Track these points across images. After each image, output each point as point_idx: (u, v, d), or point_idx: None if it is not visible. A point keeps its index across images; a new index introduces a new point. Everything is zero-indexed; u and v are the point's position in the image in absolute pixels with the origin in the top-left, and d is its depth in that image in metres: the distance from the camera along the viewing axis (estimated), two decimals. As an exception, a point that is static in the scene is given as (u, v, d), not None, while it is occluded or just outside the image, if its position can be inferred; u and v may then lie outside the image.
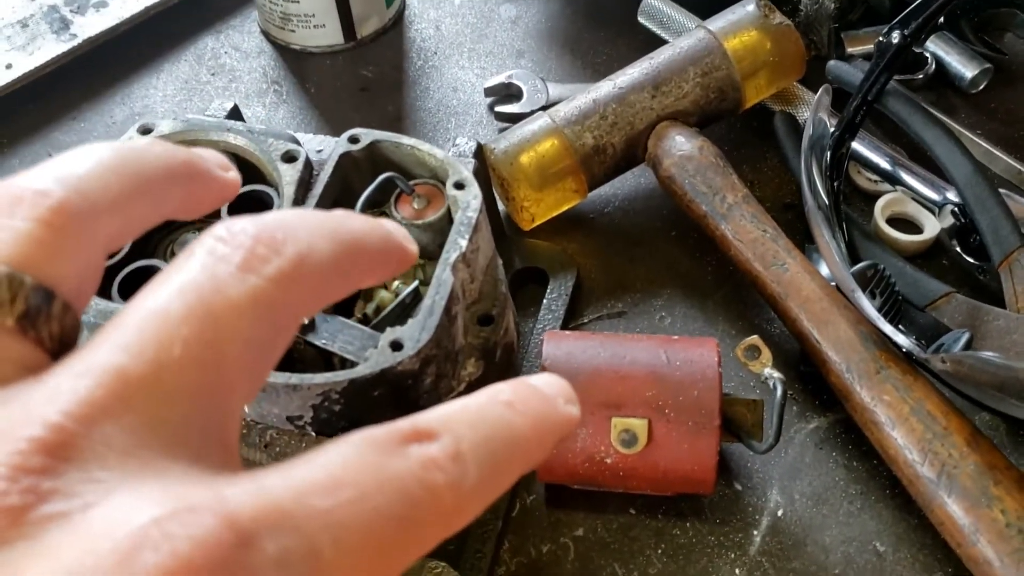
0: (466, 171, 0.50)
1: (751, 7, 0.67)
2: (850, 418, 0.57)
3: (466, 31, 0.84)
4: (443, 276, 0.47)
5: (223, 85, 0.81)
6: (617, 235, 0.68)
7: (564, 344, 0.53)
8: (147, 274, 0.49)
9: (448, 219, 0.51)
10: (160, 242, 0.53)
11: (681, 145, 0.64)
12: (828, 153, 0.62)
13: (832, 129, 0.62)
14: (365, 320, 0.49)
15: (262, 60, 0.83)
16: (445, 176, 0.52)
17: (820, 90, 0.62)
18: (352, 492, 0.20)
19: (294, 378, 0.44)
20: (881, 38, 0.61)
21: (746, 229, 0.60)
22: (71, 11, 0.83)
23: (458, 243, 0.48)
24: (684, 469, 0.51)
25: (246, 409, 0.47)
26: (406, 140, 0.52)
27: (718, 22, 0.68)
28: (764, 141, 0.72)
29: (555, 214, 0.67)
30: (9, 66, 0.79)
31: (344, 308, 0.49)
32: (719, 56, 0.66)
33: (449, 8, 0.86)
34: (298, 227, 0.23)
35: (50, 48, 0.80)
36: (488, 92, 0.77)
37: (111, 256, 0.49)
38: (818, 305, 0.57)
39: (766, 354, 0.54)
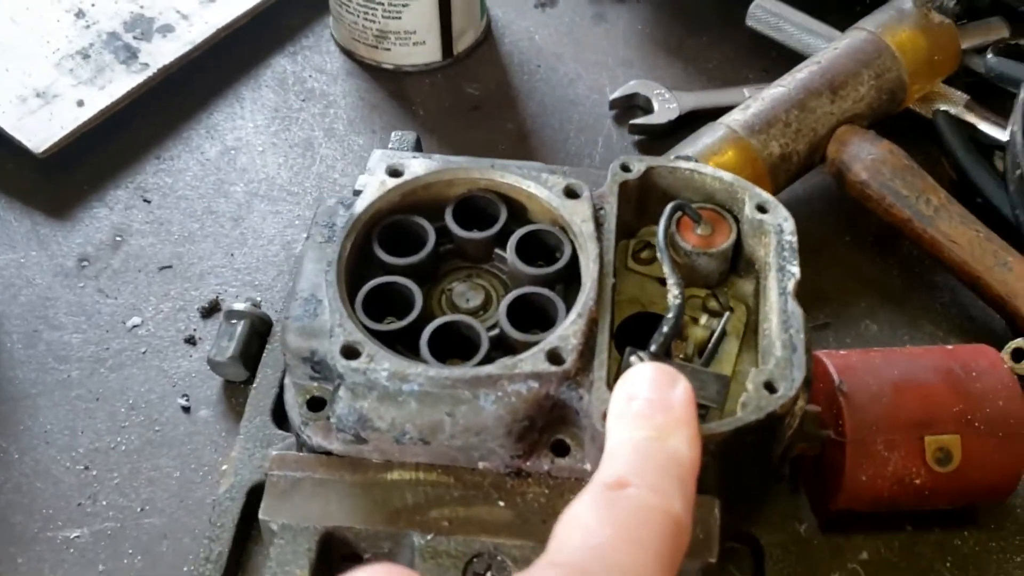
0: (764, 192, 0.48)
1: (908, 5, 0.67)
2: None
3: (564, 40, 0.80)
4: (789, 308, 0.44)
5: (319, 111, 0.75)
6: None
7: (851, 363, 0.51)
8: (447, 331, 0.44)
9: (737, 244, 0.49)
10: (432, 290, 0.47)
11: (869, 149, 0.63)
12: (1014, 150, 0.62)
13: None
14: (687, 362, 0.46)
15: (352, 82, 0.77)
16: (726, 199, 0.49)
17: (1023, 89, 0.62)
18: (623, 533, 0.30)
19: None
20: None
21: (959, 231, 0.60)
22: (134, 37, 0.74)
23: (789, 270, 0.45)
24: (991, 481, 0.50)
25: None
26: (683, 164, 0.49)
27: (875, 22, 0.67)
28: (900, 141, 0.71)
29: (735, 227, 0.64)
30: (80, 103, 0.71)
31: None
32: (889, 57, 0.65)
33: (535, 17, 0.82)
34: None
35: (122, 81, 0.72)
36: (613, 104, 0.75)
37: (406, 313, 0.44)
38: (1052, 302, 0.57)
39: (1034, 356, 0.54)
